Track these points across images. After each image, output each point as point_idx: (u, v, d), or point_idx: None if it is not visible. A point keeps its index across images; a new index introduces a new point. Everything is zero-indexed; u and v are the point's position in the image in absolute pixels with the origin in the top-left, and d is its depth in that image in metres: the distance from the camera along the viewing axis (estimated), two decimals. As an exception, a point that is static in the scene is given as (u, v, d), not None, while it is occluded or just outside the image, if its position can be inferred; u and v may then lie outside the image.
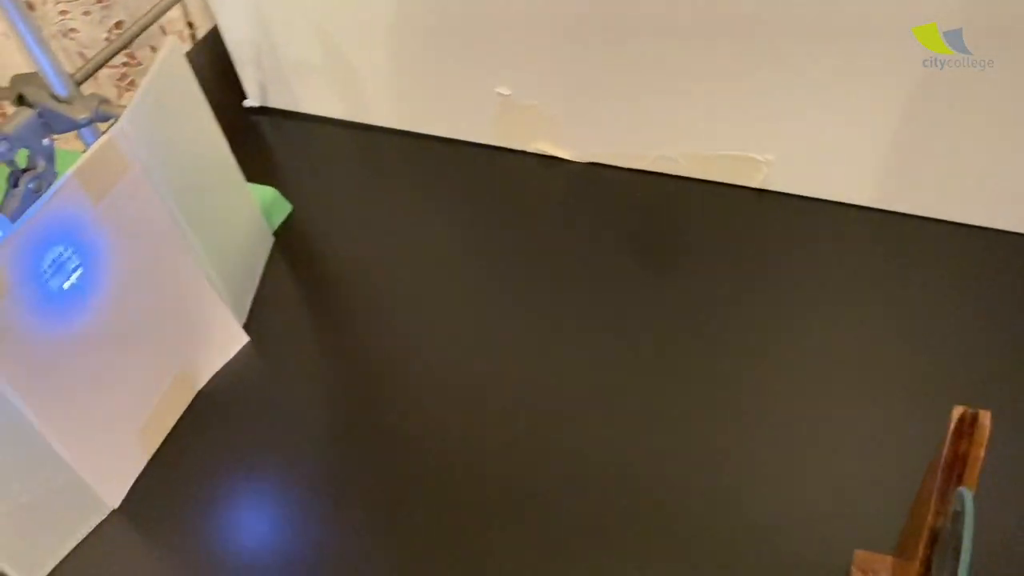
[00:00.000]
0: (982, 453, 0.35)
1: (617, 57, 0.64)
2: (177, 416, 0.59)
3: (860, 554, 0.44)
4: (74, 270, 0.49)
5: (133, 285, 0.54)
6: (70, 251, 0.49)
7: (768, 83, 0.61)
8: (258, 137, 0.82)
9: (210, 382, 0.61)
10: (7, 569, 0.50)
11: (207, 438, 0.58)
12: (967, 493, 0.34)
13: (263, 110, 0.84)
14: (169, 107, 0.56)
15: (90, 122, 0.56)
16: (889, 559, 0.43)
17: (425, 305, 0.64)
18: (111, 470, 0.54)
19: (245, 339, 0.63)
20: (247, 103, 0.84)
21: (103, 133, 0.51)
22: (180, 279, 0.57)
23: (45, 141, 0.56)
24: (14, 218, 0.54)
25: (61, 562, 0.52)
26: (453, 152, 0.76)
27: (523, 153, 0.74)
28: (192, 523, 0.53)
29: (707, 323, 0.59)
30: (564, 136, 0.72)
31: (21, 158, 0.56)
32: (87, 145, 0.56)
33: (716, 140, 0.66)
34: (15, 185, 0.55)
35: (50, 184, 0.55)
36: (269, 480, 0.55)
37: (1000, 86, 0.55)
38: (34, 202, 0.51)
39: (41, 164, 0.56)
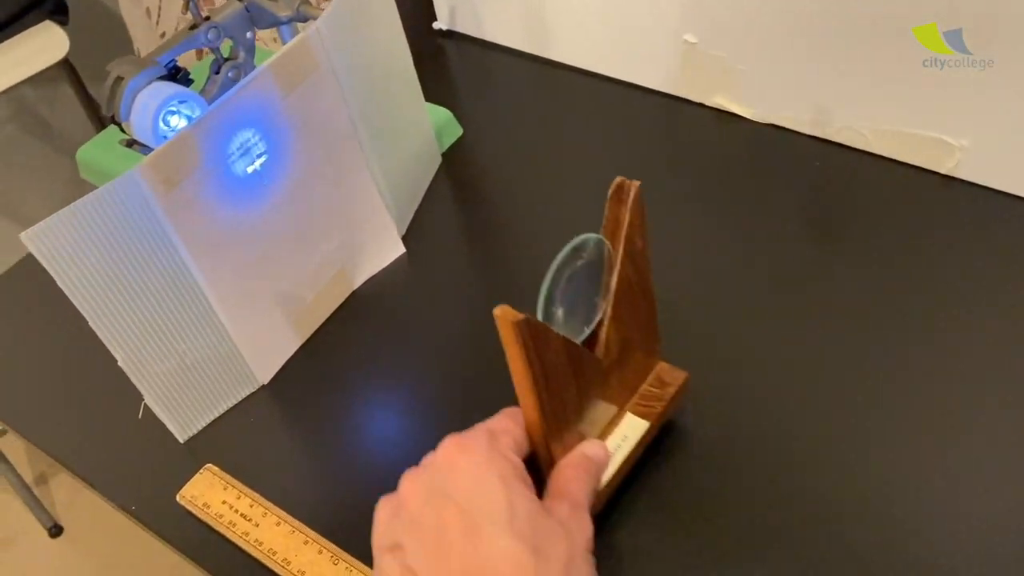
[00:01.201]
0: (629, 215, 0.45)
1: (813, 16, 0.61)
2: (331, 310, 0.62)
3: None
4: (259, 156, 0.53)
5: (309, 179, 0.57)
6: (257, 137, 0.52)
7: (973, 64, 0.56)
8: (442, 59, 0.84)
9: (365, 284, 0.64)
10: (165, 419, 0.54)
11: (355, 336, 0.61)
12: (593, 238, 0.45)
13: (450, 34, 0.86)
14: (363, 17, 0.58)
15: (290, 20, 0.59)
16: None
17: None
18: (265, 348, 0.58)
19: (402, 250, 0.66)
20: (437, 25, 0.86)
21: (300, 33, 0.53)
22: (351, 182, 0.60)
23: (248, 34, 0.60)
24: (211, 102, 0.58)
25: (210, 424, 0.57)
26: (629, 96, 0.75)
27: (700, 106, 0.72)
28: (329, 410, 0.57)
29: (868, 307, 0.56)
30: (746, 93, 0.69)
31: (225, 48, 0.60)
32: (284, 43, 0.59)
33: (909, 117, 0.62)
34: (216, 72, 0.59)
35: (247, 75, 0.58)
36: (403, 385, 0.58)
37: None
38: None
39: (241, 55, 0.60)
